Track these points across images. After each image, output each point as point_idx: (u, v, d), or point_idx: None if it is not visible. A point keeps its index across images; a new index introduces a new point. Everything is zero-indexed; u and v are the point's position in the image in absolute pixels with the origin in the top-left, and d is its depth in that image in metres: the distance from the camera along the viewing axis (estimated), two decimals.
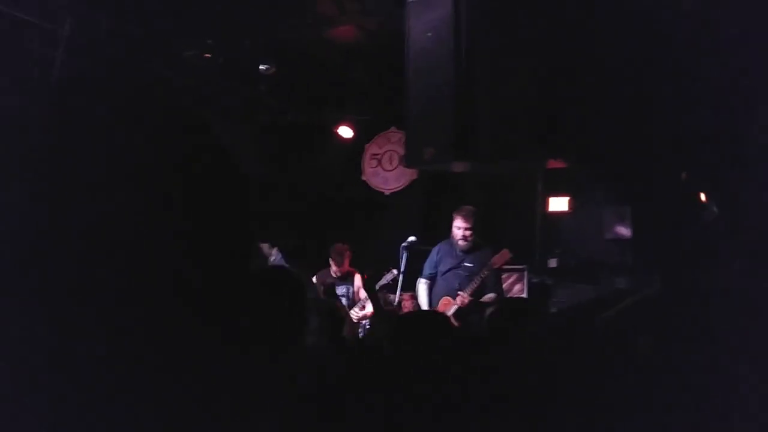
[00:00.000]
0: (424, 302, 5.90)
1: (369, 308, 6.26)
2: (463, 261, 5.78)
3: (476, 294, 5.60)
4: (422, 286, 5.95)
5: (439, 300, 5.76)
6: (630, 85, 4.74)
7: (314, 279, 6.46)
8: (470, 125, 3.93)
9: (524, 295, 6.76)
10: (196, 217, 2.79)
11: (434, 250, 5.96)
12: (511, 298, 6.20)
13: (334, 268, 6.43)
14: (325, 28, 6.45)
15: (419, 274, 5.99)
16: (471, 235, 5.73)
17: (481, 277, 5.59)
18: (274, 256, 6.48)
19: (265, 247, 6.48)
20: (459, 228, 5.76)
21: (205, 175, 2.92)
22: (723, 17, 4.38)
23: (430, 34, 4.12)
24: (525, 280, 6.91)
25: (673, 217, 6.01)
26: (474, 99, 3.95)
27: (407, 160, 4.62)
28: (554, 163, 5.01)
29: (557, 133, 4.23)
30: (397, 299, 5.84)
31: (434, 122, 4.08)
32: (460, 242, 5.75)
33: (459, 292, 5.62)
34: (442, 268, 5.86)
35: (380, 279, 6.14)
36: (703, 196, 5.34)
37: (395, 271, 5.99)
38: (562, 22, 4.16)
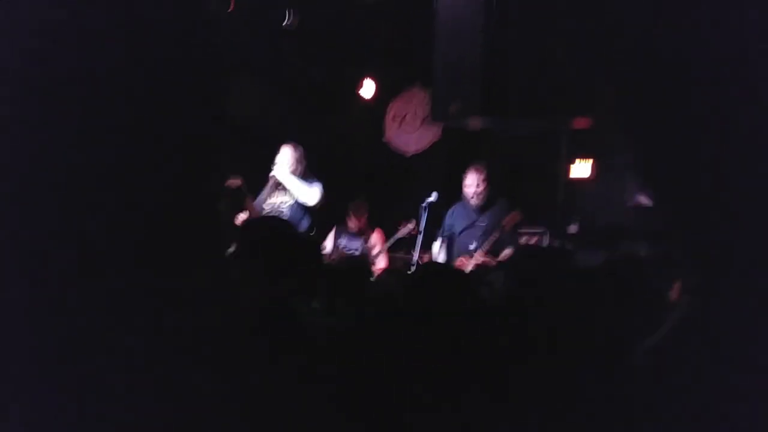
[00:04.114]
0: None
1: (381, 263, 6.26)
2: (477, 220, 5.73)
3: (493, 253, 5.56)
4: (438, 247, 5.92)
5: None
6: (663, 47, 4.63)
7: (331, 234, 6.46)
8: (498, 79, 3.88)
9: None
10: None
11: (448, 212, 5.92)
12: (530, 244, 6.10)
13: (352, 222, 6.41)
14: None
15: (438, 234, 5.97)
16: (483, 190, 5.67)
17: (495, 235, 5.53)
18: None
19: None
20: (470, 185, 5.71)
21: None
22: None
23: None
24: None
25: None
26: (502, 53, 3.89)
27: (433, 115, 4.58)
28: (580, 123, 4.93)
29: (584, 90, 4.16)
30: (416, 258, 5.83)
31: (461, 76, 4.02)
32: (473, 200, 5.70)
33: (474, 251, 5.58)
34: (458, 228, 5.82)
35: (396, 232, 6.15)
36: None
37: (410, 225, 5.99)
38: None
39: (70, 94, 3.12)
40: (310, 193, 5.67)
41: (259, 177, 5.95)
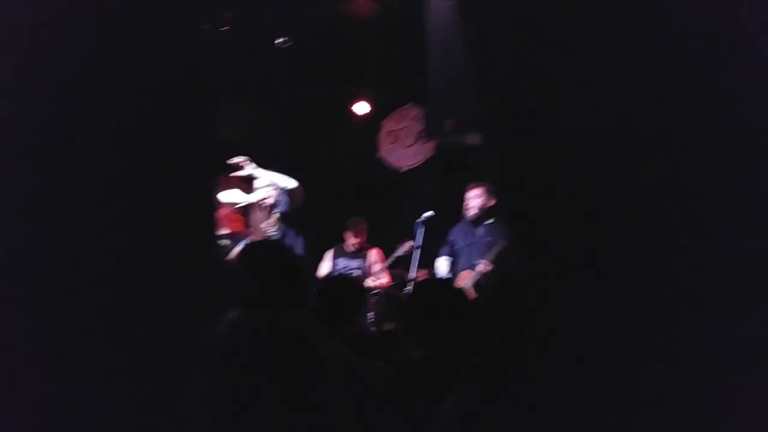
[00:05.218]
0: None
1: (383, 280, 6.24)
2: (479, 236, 5.72)
3: (499, 264, 5.53)
4: (443, 262, 5.90)
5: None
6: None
7: (328, 255, 6.43)
8: (491, 96, 3.88)
9: None
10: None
11: (451, 230, 5.92)
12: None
13: (351, 240, 6.37)
14: (343, 1, 6.39)
15: (435, 250, 5.94)
16: (484, 207, 5.68)
17: (500, 247, 5.52)
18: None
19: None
20: (471, 203, 5.73)
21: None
22: None
23: (450, 3, 4.06)
24: None
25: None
26: (494, 69, 3.89)
27: (427, 132, 4.58)
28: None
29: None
30: (413, 275, 5.80)
31: (455, 93, 4.03)
32: (474, 217, 5.71)
33: (479, 261, 5.56)
34: (460, 245, 5.81)
35: (395, 250, 6.12)
36: None
37: (410, 243, 5.96)
38: None
39: (62, 112, 3.11)
40: (288, 179, 5.56)
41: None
